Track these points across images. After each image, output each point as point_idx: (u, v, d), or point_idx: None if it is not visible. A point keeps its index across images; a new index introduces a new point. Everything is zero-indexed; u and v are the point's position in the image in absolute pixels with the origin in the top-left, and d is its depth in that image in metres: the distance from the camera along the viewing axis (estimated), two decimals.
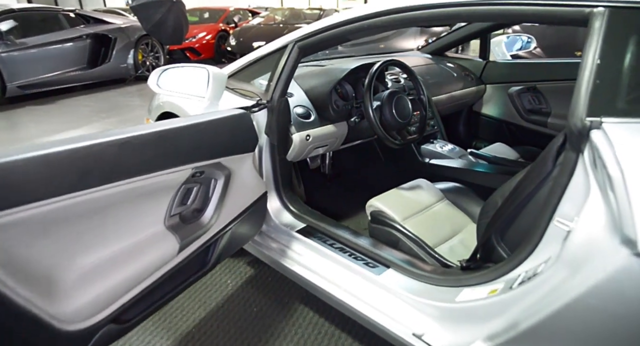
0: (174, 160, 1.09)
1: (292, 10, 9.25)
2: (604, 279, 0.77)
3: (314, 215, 1.66)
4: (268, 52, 1.61)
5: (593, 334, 0.85)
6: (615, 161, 0.75)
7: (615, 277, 0.76)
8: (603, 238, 0.79)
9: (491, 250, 1.23)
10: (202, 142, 1.20)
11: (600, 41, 0.87)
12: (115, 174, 0.93)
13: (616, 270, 0.76)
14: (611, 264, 0.76)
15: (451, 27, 2.33)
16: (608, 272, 0.77)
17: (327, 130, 1.73)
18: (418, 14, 1.19)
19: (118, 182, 0.94)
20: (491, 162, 1.93)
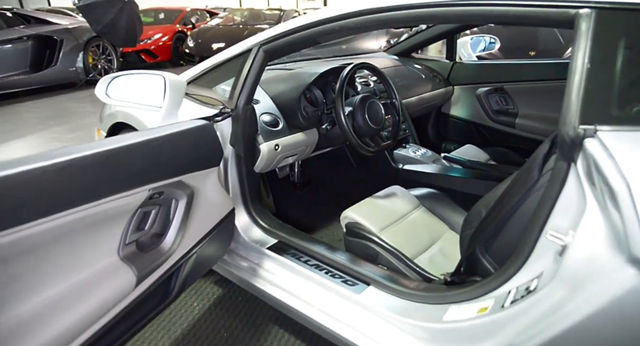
0: (126, 182, 0.95)
1: (252, 10, 9.07)
2: (610, 300, 0.72)
3: (285, 230, 1.55)
4: (231, 56, 1.48)
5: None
6: (619, 175, 0.70)
7: (622, 299, 0.71)
8: (606, 256, 0.74)
9: (476, 263, 1.18)
10: (159, 159, 1.06)
11: (589, 44, 0.82)
12: (53, 206, 0.79)
13: (623, 291, 0.70)
14: (617, 284, 0.71)
15: (428, 27, 2.28)
16: (614, 293, 0.71)
17: (296, 138, 1.63)
18: (394, 15, 1.11)
19: (58, 214, 0.80)
20: (466, 166, 1.89)
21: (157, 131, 1.08)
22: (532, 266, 0.96)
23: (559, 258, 0.87)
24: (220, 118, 1.42)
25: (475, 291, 1.07)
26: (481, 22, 1.03)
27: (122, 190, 0.94)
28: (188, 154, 1.17)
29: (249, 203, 1.59)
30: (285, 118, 1.63)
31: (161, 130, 1.09)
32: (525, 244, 0.96)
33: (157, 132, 1.07)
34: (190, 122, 1.22)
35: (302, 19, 1.31)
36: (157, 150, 1.05)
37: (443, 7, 1.03)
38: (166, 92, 1.28)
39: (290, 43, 1.35)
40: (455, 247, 1.54)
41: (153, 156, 1.04)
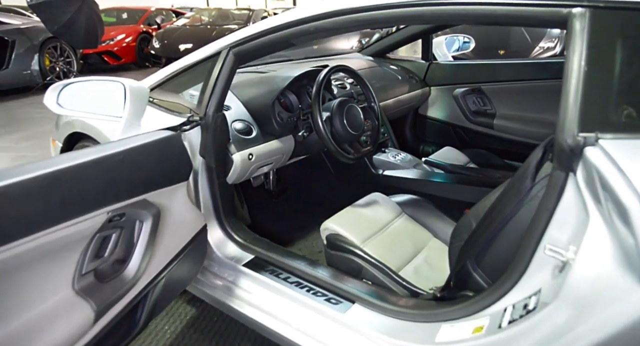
0: (80, 206, 0.83)
1: (220, 10, 8.85)
2: (625, 325, 0.66)
3: (263, 244, 1.45)
4: (198, 59, 1.37)
5: None
6: (629, 189, 0.64)
7: (638, 323, 0.65)
8: (615, 276, 0.69)
9: (467, 277, 1.11)
10: (119, 177, 0.95)
11: (585, 45, 0.77)
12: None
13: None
14: (633, 307, 0.65)
15: (405, 26, 2.22)
16: (630, 317, 0.65)
17: (271, 146, 1.53)
18: (374, 15, 1.03)
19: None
20: (447, 170, 1.84)
21: (116, 145, 0.96)
22: (528, 282, 0.90)
23: (559, 275, 0.82)
24: (188, 128, 1.31)
25: (468, 308, 1.00)
26: (468, 22, 0.98)
27: (75, 216, 0.82)
28: (152, 169, 1.05)
29: (222, 217, 1.48)
30: (259, 125, 1.53)
31: (120, 144, 0.97)
32: (520, 258, 0.90)
33: (115, 146, 0.96)
34: (154, 133, 1.10)
35: (274, 20, 1.21)
36: (117, 167, 0.94)
37: (427, 7, 0.96)
38: (126, 101, 1.16)
39: (262, 46, 1.25)
40: (440, 256, 1.48)
41: (111, 174, 0.92)
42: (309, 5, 1.13)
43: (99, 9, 1.53)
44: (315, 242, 1.91)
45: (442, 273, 1.41)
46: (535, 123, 2.15)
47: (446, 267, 1.44)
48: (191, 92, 1.43)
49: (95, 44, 1.53)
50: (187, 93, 1.44)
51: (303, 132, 1.52)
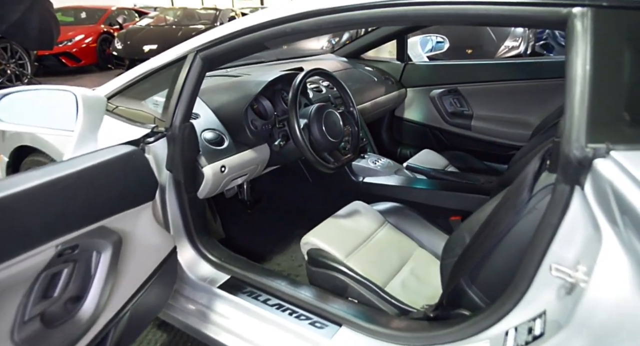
0: (21, 242, 0.70)
1: (185, 10, 8.56)
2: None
3: (239, 263, 1.34)
4: (162, 64, 1.25)
5: None
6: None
7: None
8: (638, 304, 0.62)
9: (461, 295, 1.04)
10: (71, 203, 0.82)
11: (590, 47, 0.71)
12: None
13: None
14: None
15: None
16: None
17: (245, 156, 1.42)
18: (357, 15, 0.94)
19: None
20: (430, 176, 1.78)
21: (66, 166, 0.83)
22: (531, 303, 0.83)
23: (567, 297, 0.75)
24: (152, 140, 1.18)
25: (465, 330, 0.93)
26: (459, 23, 0.91)
27: (13, 255, 0.69)
28: (111, 191, 0.92)
29: (194, 235, 1.37)
30: (231, 135, 1.41)
31: (72, 165, 0.84)
32: (521, 276, 0.83)
33: (65, 167, 0.83)
34: (112, 149, 0.97)
35: (245, 21, 1.10)
36: (67, 193, 0.81)
37: (416, 7, 0.88)
38: (79, 112, 1.02)
39: (233, 49, 1.14)
40: (426, 267, 1.42)
41: (61, 201, 0.79)
42: (285, 4, 1.03)
43: (54, 7, 1.38)
44: (295, 254, 1.81)
45: (430, 286, 1.35)
46: (512, 124, 2.13)
47: (434, 280, 1.38)
48: (156, 99, 1.30)
49: (50, 45, 1.39)
50: (150, 101, 1.32)
51: (279, 141, 1.42)
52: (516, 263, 0.90)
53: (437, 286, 1.35)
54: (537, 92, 2.02)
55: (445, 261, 1.09)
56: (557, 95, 2.00)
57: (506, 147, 2.15)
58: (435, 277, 1.39)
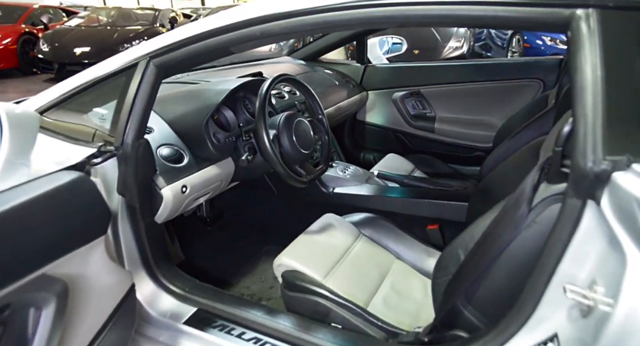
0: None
1: (120, 10, 8.01)
2: None
3: (206, 293, 1.20)
4: (108, 72, 1.08)
5: None
6: None
7: None
8: None
9: (456, 315, 0.98)
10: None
11: (600, 50, 0.65)
12: None
13: None
14: None
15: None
16: None
17: (208, 173, 1.28)
18: (338, 17, 0.84)
19: None
20: (403, 184, 1.72)
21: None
22: (540, 325, 0.78)
23: (583, 320, 0.70)
24: (100, 160, 1.01)
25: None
26: (453, 25, 0.85)
27: None
28: (53, 231, 0.76)
29: (152, 266, 1.20)
30: (191, 150, 1.26)
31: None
32: (527, 295, 0.77)
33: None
34: (51, 178, 0.80)
35: (208, 23, 0.97)
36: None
37: (406, 7, 0.79)
38: (4, 133, 0.84)
39: (193, 55, 1.00)
40: (406, 280, 1.36)
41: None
42: (256, 5, 0.91)
43: None
44: (265, 275, 1.68)
45: (412, 302, 1.28)
46: (475, 125, 2.13)
47: (415, 293, 1.32)
48: (102, 112, 1.12)
49: None
50: (95, 115, 1.14)
51: (247, 156, 1.28)
52: (516, 280, 0.84)
53: (419, 300, 1.30)
54: (499, 93, 2.03)
55: (438, 280, 1.02)
56: (518, 95, 2.03)
57: (470, 148, 2.15)
58: (416, 290, 1.33)
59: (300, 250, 1.33)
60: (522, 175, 1.13)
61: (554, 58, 1.97)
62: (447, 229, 1.51)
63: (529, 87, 1.96)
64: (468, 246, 0.94)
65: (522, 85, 1.97)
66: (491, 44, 7.48)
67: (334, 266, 1.31)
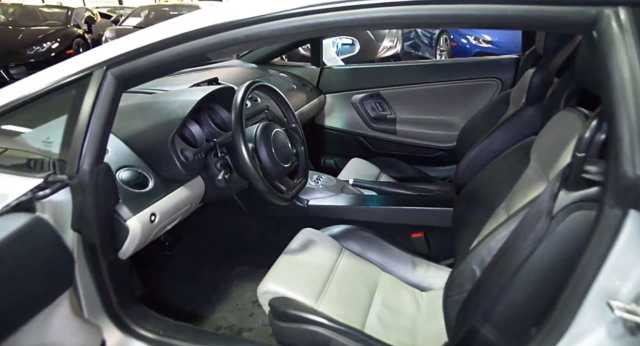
0: None
1: (23, 7, 7.16)
2: None
3: (184, 334, 1.05)
4: (52, 85, 0.88)
5: None
6: None
7: None
8: None
9: (473, 334, 0.92)
10: None
11: (637, 50, 0.62)
12: None
13: None
14: None
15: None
16: None
17: (178, 196, 1.11)
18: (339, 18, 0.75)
19: None
20: (380, 191, 1.65)
21: None
22: (576, 343, 0.74)
23: (630, 338, 0.66)
24: (48, 192, 0.82)
25: None
26: (468, 26, 0.78)
27: None
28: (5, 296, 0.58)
29: (118, 312, 1.03)
30: (155, 171, 1.09)
31: None
32: (560, 312, 0.73)
33: None
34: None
35: (179, 26, 0.82)
36: None
37: (417, 6, 0.72)
38: None
39: (160, 63, 0.85)
40: (395, 294, 1.30)
41: None
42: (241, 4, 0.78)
43: None
44: (241, 301, 1.53)
45: (406, 317, 1.23)
46: (436, 125, 2.13)
47: (406, 307, 1.26)
48: (45, 133, 0.92)
49: None
50: (37, 137, 0.93)
51: (223, 174, 1.13)
52: (539, 294, 0.81)
53: (412, 314, 1.24)
54: (458, 92, 2.05)
55: (452, 298, 0.96)
56: (477, 95, 2.06)
57: (432, 149, 2.15)
58: (408, 304, 1.28)
59: (284, 274, 1.22)
60: (513, 176, 1.12)
61: (510, 57, 2.03)
62: (432, 236, 1.47)
63: (488, 86, 2.00)
64: (485, 260, 0.89)
65: (480, 85, 2.00)
66: (419, 43, 7.76)
67: (323, 288, 1.21)
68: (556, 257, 0.78)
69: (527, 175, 1.08)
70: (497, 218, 1.08)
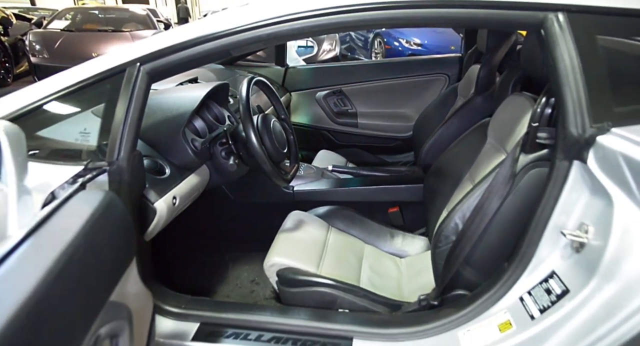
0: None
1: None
2: None
3: (205, 306, 1.16)
4: (87, 79, 0.96)
5: None
6: None
7: None
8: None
9: (456, 277, 1.13)
10: (67, 299, 0.56)
11: (573, 43, 0.84)
12: None
13: None
14: None
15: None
16: None
17: (192, 182, 1.22)
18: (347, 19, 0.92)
19: None
20: (356, 175, 1.84)
21: (48, 249, 0.57)
22: (536, 268, 0.95)
23: (576, 255, 0.88)
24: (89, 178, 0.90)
25: (477, 308, 1.00)
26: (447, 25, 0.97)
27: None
28: (108, 256, 0.68)
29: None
30: (169, 160, 1.19)
31: (55, 243, 0.58)
32: (528, 244, 0.93)
33: (47, 251, 0.56)
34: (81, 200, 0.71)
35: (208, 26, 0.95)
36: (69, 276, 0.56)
37: (403, 10, 0.91)
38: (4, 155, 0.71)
39: (189, 59, 0.96)
40: (379, 261, 1.49)
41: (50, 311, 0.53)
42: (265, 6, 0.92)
43: None
44: (239, 281, 1.64)
45: (391, 279, 1.42)
46: (393, 118, 2.38)
47: (391, 272, 1.45)
48: (83, 125, 0.99)
49: None
50: (72, 129, 1.00)
51: (234, 160, 1.26)
52: (508, 237, 1.02)
53: (396, 277, 1.44)
54: (411, 87, 2.30)
55: (440, 249, 1.16)
56: (428, 89, 2.33)
57: (390, 139, 2.39)
58: (391, 269, 1.47)
59: (286, 248, 1.36)
60: (474, 152, 1.35)
61: (455, 56, 2.32)
62: (406, 210, 1.69)
63: (437, 81, 2.27)
64: (465, 215, 1.10)
65: (430, 80, 2.28)
66: (354, 46, 8.15)
67: (320, 259, 1.37)
68: (520, 206, 0.99)
69: (485, 150, 1.31)
70: (463, 187, 1.30)
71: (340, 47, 7.04)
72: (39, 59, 5.33)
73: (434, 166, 1.52)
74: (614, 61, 0.89)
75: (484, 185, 1.08)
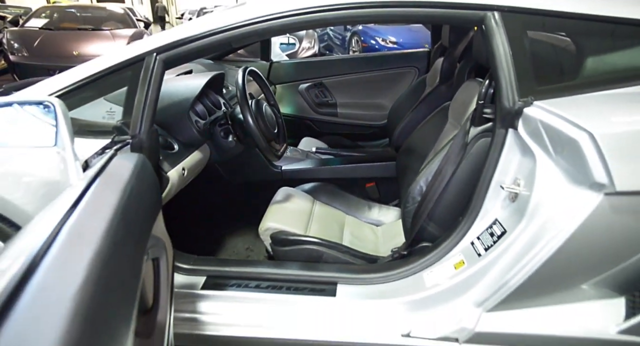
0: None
1: None
2: (587, 217, 0.90)
3: (210, 262, 1.35)
4: (113, 66, 1.14)
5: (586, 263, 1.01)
6: (573, 127, 0.88)
7: (595, 213, 0.89)
8: (568, 192, 0.93)
9: (421, 231, 1.34)
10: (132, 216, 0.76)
11: (505, 36, 1.05)
12: None
13: (592, 209, 0.89)
14: (587, 207, 0.89)
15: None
16: (586, 214, 0.90)
17: (196, 157, 1.41)
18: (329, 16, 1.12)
19: None
20: (338, 155, 2.06)
21: (112, 189, 0.75)
22: (483, 218, 1.16)
23: (512, 204, 1.10)
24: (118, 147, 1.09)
25: (439, 253, 1.22)
26: (403, 21, 1.16)
27: None
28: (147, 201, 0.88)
29: None
30: (176, 138, 1.38)
31: (124, 191, 0.76)
32: (474, 201, 1.16)
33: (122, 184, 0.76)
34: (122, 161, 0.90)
35: (215, 21, 1.14)
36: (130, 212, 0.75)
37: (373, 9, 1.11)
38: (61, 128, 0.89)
39: (198, 50, 1.15)
40: (358, 229, 1.70)
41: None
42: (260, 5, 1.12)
43: None
44: (235, 249, 1.83)
45: (369, 242, 1.63)
46: (369, 107, 2.61)
47: (369, 237, 1.67)
48: (109, 105, 1.18)
49: None
50: (101, 107, 1.18)
51: (233, 137, 1.46)
52: (462, 196, 1.23)
53: (373, 240, 1.66)
54: (385, 79, 2.54)
55: (408, 208, 1.38)
56: (400, 80, 2.57)
57: (367, 126, 2.62)
58: (369, 234, 1.69)
59: (277, 215, 1.56)
60: (437, 131, 1.58)
61: (424, 50, 2.57)
62: (381, 184, 1.91)
63: (408, 74, 2.51)
64: (428, 179, 1.33)
65: (402, 72, 2.51)
66: (332, 45, 8.38)
67: (307, 225, 1.57)
68: (471, 169, 1.21)
69: (446, 129, 1.54)
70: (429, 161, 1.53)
71: (319, 45, 7.27)
72: (18, 57, 5.29)
73: (404, 145, 1.75)
74: (537, 50, 1.13)
75: (442, 153, 1.31)
